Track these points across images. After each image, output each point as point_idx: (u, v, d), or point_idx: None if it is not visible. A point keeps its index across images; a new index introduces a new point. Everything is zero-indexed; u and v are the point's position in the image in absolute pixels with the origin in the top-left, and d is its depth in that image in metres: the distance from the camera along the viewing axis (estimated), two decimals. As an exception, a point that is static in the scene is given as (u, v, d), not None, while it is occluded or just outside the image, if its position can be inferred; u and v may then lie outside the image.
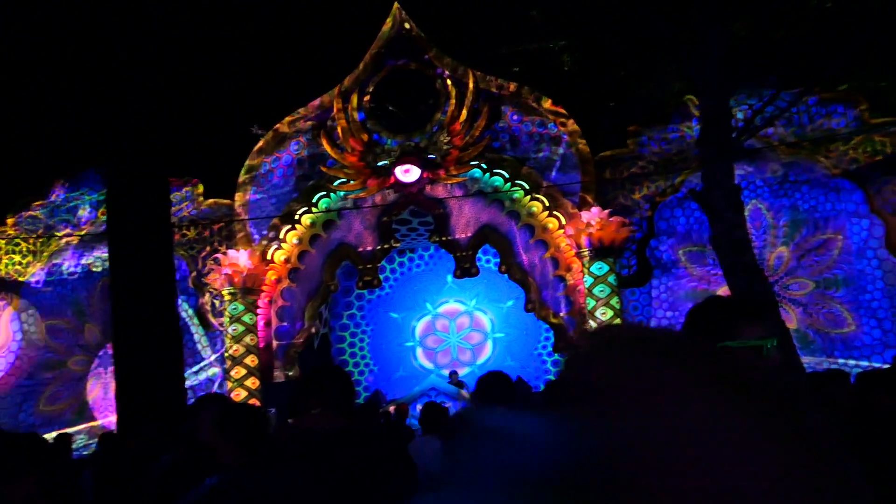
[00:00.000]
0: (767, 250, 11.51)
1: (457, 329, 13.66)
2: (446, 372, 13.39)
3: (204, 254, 12.86)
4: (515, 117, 12.53)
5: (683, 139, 11.86)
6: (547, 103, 12.46)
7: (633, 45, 11.42)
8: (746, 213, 11.32)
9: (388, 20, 12.95)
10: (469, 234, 12.46)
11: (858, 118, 11.13)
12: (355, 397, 2.85)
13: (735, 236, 10.50)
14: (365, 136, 12.57)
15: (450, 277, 13.01)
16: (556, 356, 12.80)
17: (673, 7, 10.79)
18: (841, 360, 10.80)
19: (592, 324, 11.68)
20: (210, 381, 12.54)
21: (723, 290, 11.01)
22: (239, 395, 12.11)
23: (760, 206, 11.60)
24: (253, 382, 12.19)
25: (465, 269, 12.46)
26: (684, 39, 10.94)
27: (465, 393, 11.66)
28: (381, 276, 13.09)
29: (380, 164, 12.45)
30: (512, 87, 12.52)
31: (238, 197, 12.88)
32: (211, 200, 13.10)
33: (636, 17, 11.34)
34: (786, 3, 10.35)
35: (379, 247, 12.71)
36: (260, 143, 13.04)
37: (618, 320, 11.62)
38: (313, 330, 12.67)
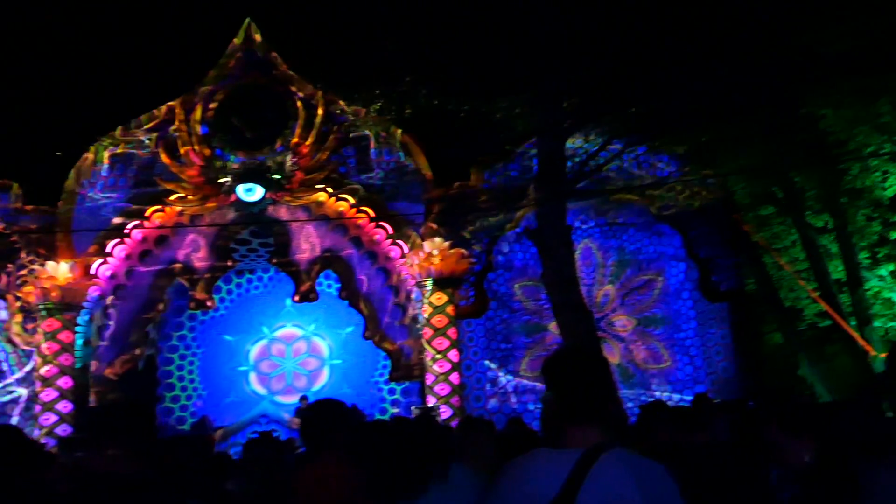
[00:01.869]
0: (595, 288, 12.70)
1: (293, 354, 13.97)
2: (283, 398, 13.65)
3: (18, 263, 12.52)
4: (364, 144, 13.16)
5: (524, 177, 12.90)
6: (397, 133, 13.19)
7: (482, 83, 12.41)
8: (578, 252, 12.49)
9: (240, 33, 13.31)
10: (310, 258, 12.89)
11: (681, 168, 12.59)
12: (154, 435, 2.74)
13: (565, 274, 11.58)
14: (206, 151, 12.77)
15: (288, 301, 13.33)
16: (393, 384, 13.39)
17: (519, 52, 11.87)
18: (657, 394, 12.06)
19: (430, 353, 12.38)
20: (14, 402, 12.17)
21: (553, 325, 12.05)
22: (49, 419, 11.84)
23: (591, 246, 12.80)
24: (65, 406, 11.95)
25: (305, 293, 12.85)
26: (529, 83, 12.06)
27: (295, 420, 11.98)
28: (216, 297, 13.23)
29: (221, 180, 12.68)
30: (363, 113, 13.16)
31: (61, 204, 12.69)
32: (31, 207, 12.81)
33: (486, 56, 12.36)
34: (619, 63, 11.60)
35: (215, 266, 12.88)
36: (91, 149, 12.94)
37: (454, 350, 12.40)
38: (138, 351, 12.60)
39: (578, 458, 1.81)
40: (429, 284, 12.42)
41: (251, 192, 12.63)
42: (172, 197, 12.74)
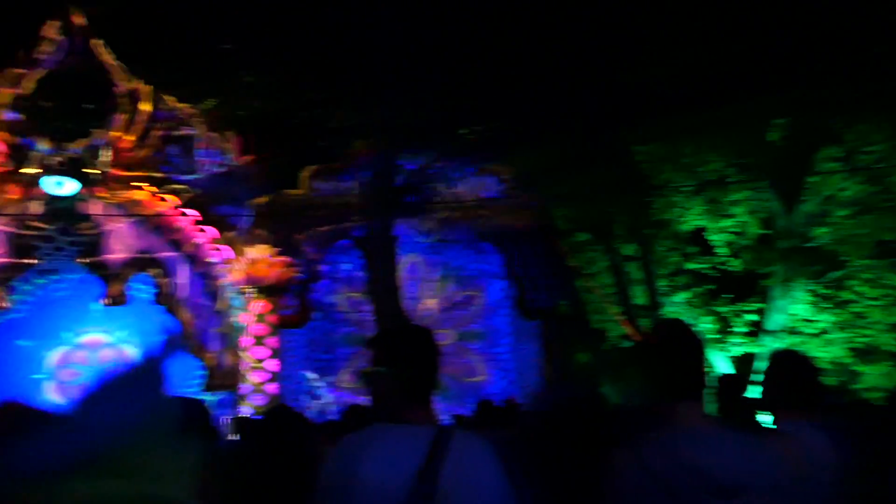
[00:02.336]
0: (419, 301, 13.07)
1: (98, 362, 13.20)
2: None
3: None
4: (190, 143, 12.83)
5: (355, 188, 13.09)
6: (227, 134, 12.97)
7: (320, 91, 12.51)
8: (404, 266, 12.83)
9: (59, 17, 12.60)
10: (124, 259, 12.32)
11: (504, 190, 13.30)
12: None
13: (388, 285, 11.86)
14: (11, 138, 11.94)
15: (96, 305, 12.63)
16: (208, 395, 12.98)
17: (359, 66, 12.10)
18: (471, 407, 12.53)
19: (247, 362, 12.16)
20: None
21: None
22: None
23: (417, 261, 13.18)
24: None
25: (115, 296, 12.25)
26: (366, 96, 12.32)
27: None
28: (12, 298, 12.29)
29: (26, 171, 11.88)
30: (191, 112, 12.83)
31: None
32: None
33: (326, 64, 12.47)
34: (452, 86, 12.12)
35: (14, 265, 12.00)
36: None
37: (274, 360, 12.26)
38: None
39: (434, 435, 1.84)
40: (251, 292, 12.25)
41: (61, 186, 11.92)
42: (-33, 185, 11.76)
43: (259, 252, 12.33)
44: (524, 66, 12.19)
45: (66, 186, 12.01)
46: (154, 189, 12.44)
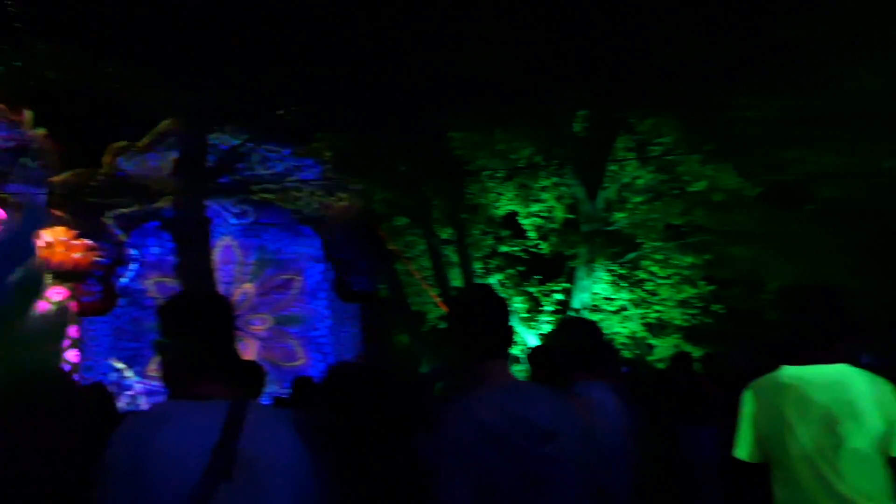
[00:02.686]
0: (234, 286, 12.79)
1: None
2: None
3: None
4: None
5: (164, 168, 12.57)
6: (21, 108, 12.02)
7: (125, 65, 11.85)
8: (218, 250, 12.50)
9: None
10: None
11: (322, 173, 13.33)
12: None
13: (200, 268, 11.49)
14: None
15: None
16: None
17: (170, 34, 11.60)
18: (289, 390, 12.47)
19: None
20: None
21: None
22: None
23: (232, 244, 12.90)
24: None
25: None
26: (177, 69, 11.83)
27: None
28: None
29: None
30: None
31: None
32: None
33: (131, 38, 11.84)
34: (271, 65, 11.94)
35: None
36: None
37: (74, 350, 11.53)
38: None
39: (228, 409, 1.78)
40: (47, 278, 11.44)
41: None
42: None
43: (55, 235, 11.54)
44: (344, 49, 12.27)
45: None
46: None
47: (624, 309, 15.01)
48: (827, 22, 10.51)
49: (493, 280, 14.57)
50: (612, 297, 14.88)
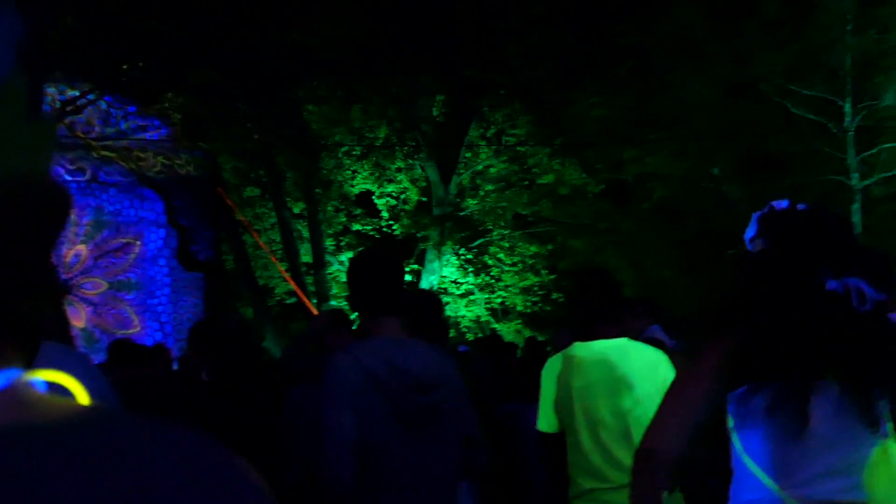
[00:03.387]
0: (66, 247, 12.18)
1: None
2: None
3: None
4: None
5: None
6: None
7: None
8: (49, 206, 11.83)
9: None
10: None
11: (171, 134, 12.90)
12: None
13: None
14: None
15: None
16: None
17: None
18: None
19: None
20: None
21: None
22: None
23: (65, 202, 12.25)
24: None
25: None
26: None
27: None
28: None
29: None
30: None
31: None
32: None
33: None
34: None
35: None
36: None
37: None
38: None
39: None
40: None
41: None
42: None
43: None
44: (199, 8, 11.93)
45: None
46: None
47: (470, 293, 15.57)
48: (664, 34, 11.41)
49: (345, 258, 14.68)
50: (460, 280, 15.40)
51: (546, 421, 2.65)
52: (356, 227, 14.92)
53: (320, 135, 14.12)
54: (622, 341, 2.59)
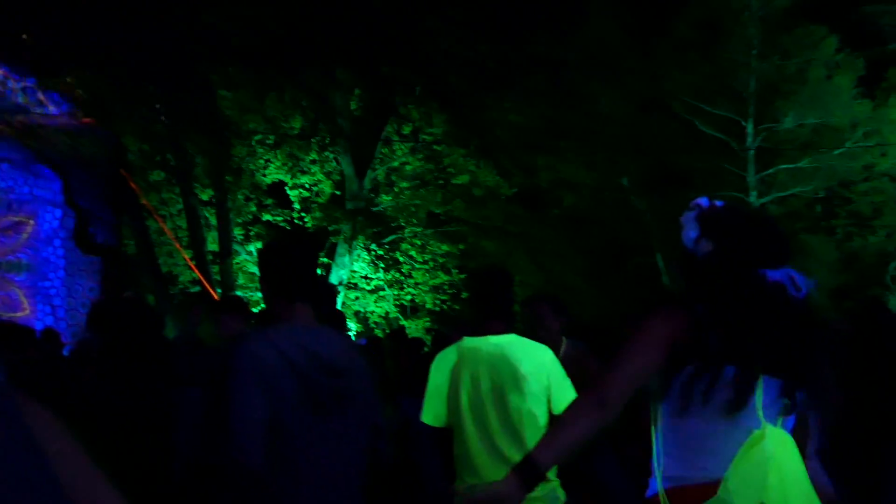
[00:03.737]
0: (-50, 223, 11.53)
1: None
2: None
3: None
4: None
5: None
6: None
7: None
8: (-67, 179, 11.16)
9: None
10: None
11: (71, 112, 12.34)
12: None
13: None
14: None
15: None
16: None
17: None
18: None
19: None
20: None
21: None
22: None
23: (-48, 176, 11.58)
24: None
25: None
26: None
27: None
28: None
29: None
30: None
31: None
32: None
33: None
34: None
35: None
36: None
37: None
38: None
39: None
40: None
41: None
42: None
43: None
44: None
45: None
46: None
47: (380, 289, 15.54)
48: (579, 47, 11.68)
49: (252, 247, 14.41)
50: (370, 276, 15.35)
51: (433, 414, 2.64)
52: (266, 217, 14.66)
53: (233, 121, 13.78)
54: (511, 337, 2.62)
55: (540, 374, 2.58)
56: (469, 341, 2.63)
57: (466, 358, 2.59)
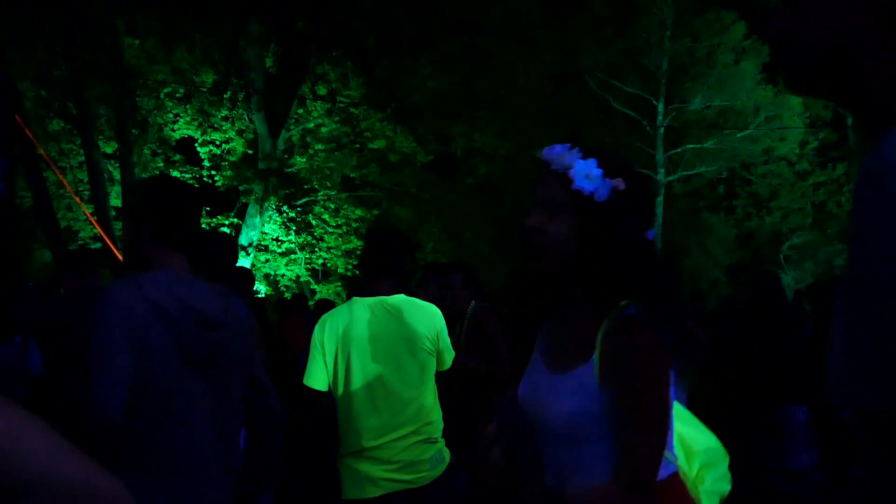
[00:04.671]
0: None
1: None
2: None
3: None
4: None
5: None
6: None
7: None
8: None
9: None
10: None
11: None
12: None
13: None
14: None
15: None
16: None
17: None
18: None
19: None
20: None
21: None
22: None
23: None
24: None
25: None
26: None
27: None
28: None
29: None
30: None
31: None
32: None
33: None
34: None
35: None
36: None
37: None
38: None
39: None
40: None
41: None
42: None
43: None
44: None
45: None
46: None
47: (292, 252, 15.29)
48: (496, 15, 11.66)
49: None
50: (282, 238, 15.07)
51: (319, 377, 2.53)
52: (174, 173, 14.13)
53: (139, 71, 13.17)
54: (401, 298, 2.58)
55: (431, 333, 2.57)
56: (359, 301, 2.57)
57: (355, 319, 2.53)
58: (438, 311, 2.67)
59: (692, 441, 1.49)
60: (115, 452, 1.76)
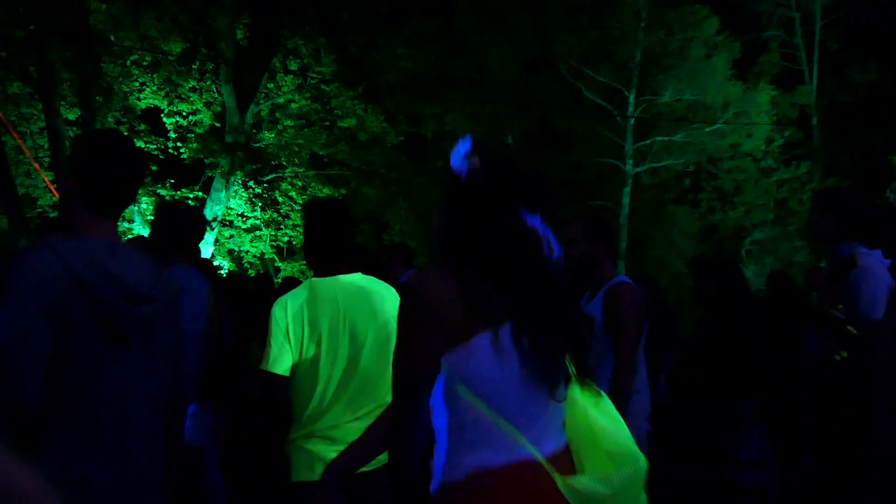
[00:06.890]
0: None
1: None
2: None
3: None
4: None
5: None
6: None
7: None
8: None
9: None
10: None
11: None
12: None
13: None
14: None
15: None
16: None
17: None
18: None
19: None
20: None
21: None
22: None
23: None
24: None
25: None
26: None
27: None
28: None
29: None
30: None
31: None
32: None
33: None
34: None
35: None
36: None
37: None
38: None
39: None
40: None
41: None
42: None
43: None
44: None
45: None
46: None
47: (257, 228, 15.06)
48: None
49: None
50: (247, 214, 14.82)
51: (283, 362, 2.37)
52: (139, 143, 13.72)
53: (105, 36, 12.77)
54: (359, 276, 2.47)
55: (393, 311, 2.44)
56: (317, 282, 2.43)
57: (314, 299, 2.39)
58: (394, 292, 2.56)
59: (603, 438, 1.42)
60: (34, 436, 1.58)
